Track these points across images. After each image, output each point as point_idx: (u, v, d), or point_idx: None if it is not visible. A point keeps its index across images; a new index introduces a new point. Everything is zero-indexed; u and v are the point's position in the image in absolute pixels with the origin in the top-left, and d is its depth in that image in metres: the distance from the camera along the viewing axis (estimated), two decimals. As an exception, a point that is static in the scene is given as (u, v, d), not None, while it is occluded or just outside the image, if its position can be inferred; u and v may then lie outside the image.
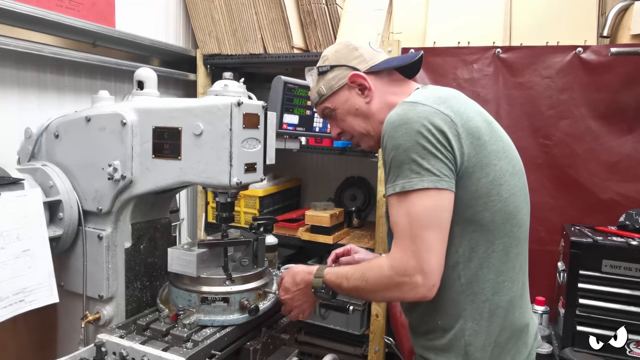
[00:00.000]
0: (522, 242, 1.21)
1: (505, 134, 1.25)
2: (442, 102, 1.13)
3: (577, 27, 2.14)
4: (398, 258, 1.09)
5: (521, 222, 1.20)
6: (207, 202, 2.73)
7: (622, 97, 1.97)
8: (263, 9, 2.41)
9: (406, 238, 1.08)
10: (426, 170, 1.06)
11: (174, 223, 1.68)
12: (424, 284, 1.07)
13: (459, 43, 2.23)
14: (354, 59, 1.31)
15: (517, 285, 1.20)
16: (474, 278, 1.15)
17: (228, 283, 1.35)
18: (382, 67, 1.30)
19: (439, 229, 1.08)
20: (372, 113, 1.30)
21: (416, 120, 1.08)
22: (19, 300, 1.23)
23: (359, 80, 1.29)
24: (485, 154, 1.12)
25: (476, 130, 1.12)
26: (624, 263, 1.67)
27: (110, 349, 1.21)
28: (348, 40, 1.37)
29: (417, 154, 1.07)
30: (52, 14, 1.80)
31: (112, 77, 2.23)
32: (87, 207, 1.43)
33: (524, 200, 1.23)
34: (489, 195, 1.12)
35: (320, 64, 1.36)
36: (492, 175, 1.12)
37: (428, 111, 1.10)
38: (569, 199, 2.05)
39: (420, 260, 1.06)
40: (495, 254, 1.15)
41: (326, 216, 2.42)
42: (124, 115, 1.35)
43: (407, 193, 1.08)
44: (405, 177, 1.08)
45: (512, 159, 1.19)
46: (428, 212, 1.07)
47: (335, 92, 1.33)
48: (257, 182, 1.38)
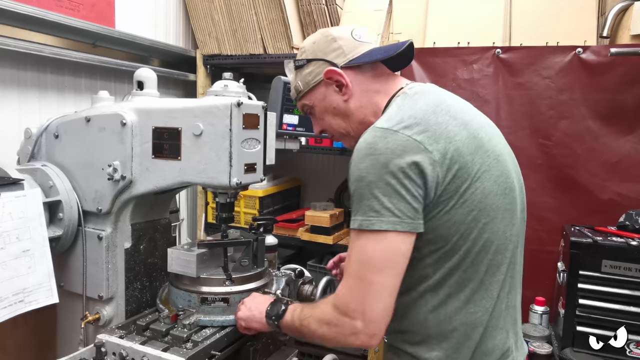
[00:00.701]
0: (503, 267, 1.09)
1: (497, 142, 1.13)
2: (417, 123, 1.02)
3: (577, 28, 2.14)
4: (341, 296, 1.03)
5: (502, 248, 1.08)
6: (207, 202, 2.73)
7: (621, 98, 1.97)
8: (263, 9, 2.41)
9: (354, 277, 1.01)
10: (387, 209, 0.97)
11: (173, 223, 1.68)
12: (364, 331, 0.98)
13: (459, 43, 2.23)
14: (331, 52, 1.19)
15: (493, 314, 1.09)
16: (441, 306, 1.07)
17: (228, 283, 1.35)
18: (362, 60, 1.17)
19: (392, 275, 0.99)
20: (351, 112, 1.20)
21: (383, 153, 0.98)
22: (19, 300, 1.23)
23: (335, 77, 1.17)
24: (464, 178, 1.02)
25: (455, 152, 1.01)
26: (624, 263, 1.68)
27: (110, 350, 1.21)
28: (328, 30, 1.23)
29: (379, 190, 0.98)
30: (52, 15, 1.80)
31: (112, 78, 2.23)
32: (87, 208, 1.43)
33: (511, 221, 1.11)
34: (464, 224, 1.03)
35: (298, 56, 1.25)
36: (470, 200, 1.02)
37: (399, 142, 0.99)
38: (568, 199, 2.05)
39: (364, 305, 0.98)
40: (468, 282, 1.06)
41: (326, 216, 2.42)
42: (124, 115, 1.35)
43: (363, 231, 1.00)
44: (364, 214, 1.00)
45: (498, 177, 1.07)
46: (382, 256, 0.98)
47: (312, 89, 1.23)
48: (257, 182, 1.38)
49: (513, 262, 1.13)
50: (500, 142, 1.15)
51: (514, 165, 1.18)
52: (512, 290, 1.15)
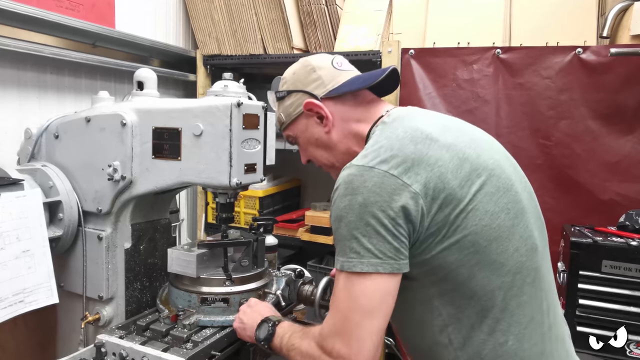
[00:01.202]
0: (526, 287, 1.01)
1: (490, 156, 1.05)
2: (394, 156, 0.97)
3: (577, 28, 2.14)
4: (326, 335, 0.99)
5: (517, 267, 1.00)
6: (207, 202, 2.73)
7: (621, 98, 1.97)
8: (263, 9, 2.41)
9: (340, 316, 0.97)
10: (367, 250, 0.94)
11: (173, 224, 1.68)
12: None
13: (459, 43, 2.23)
14: (311, 83, 1.17)
15: (531, 341, 1.00)
16: (468, 341, 1.00)
17: (228, 284, 1.35)
18: (342, 90, 1.15)
19: (378, 316, 0.95)
20: (334, 143, 1.17)
21: (361, 192, 0.94)
22: (19, 300, 1.23)
23: (315, 109, 1.16)
24: (453, 205, 0.96)
25: (438, 179, 0.96)
26: (624, 263, 1.67)
27: (110, 350, 1.21)
28: (308, 59, 1.22)
29: (358, 231, 0.94)
30: (52, 15, 1.80)
31: (112, 78, 2.23)
32: (87, 208, 1.43)
33: (523, 235, 1.03)
34: (461, 250, 0.97)
35: (280, 87, 1.24)
36: (464, 226, 0.96)
37: (375, 179, 0.95)
38: (568, 199, 2.05)
39: (348, 346, 0.95)
40: (487, 311, 0.99)
41: (326, 217, 2.42)
42: (124, 115, 1.35)
43: (343, 272, 0.97)
44: (345, 255, 0.96)
45: (494, 194, 1.00)
46: (368, 298, 0.95)
47: (293, 120, 1.22)
48: (257, 182, 1.38)
49: (539, 278, 1.05)
50: (494, 155, 1.07)
51: (517, 174, 1.11)
52: (549, 312, 1.07)
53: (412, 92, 2.19)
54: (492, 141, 1.15)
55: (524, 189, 1.10)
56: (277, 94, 1.23)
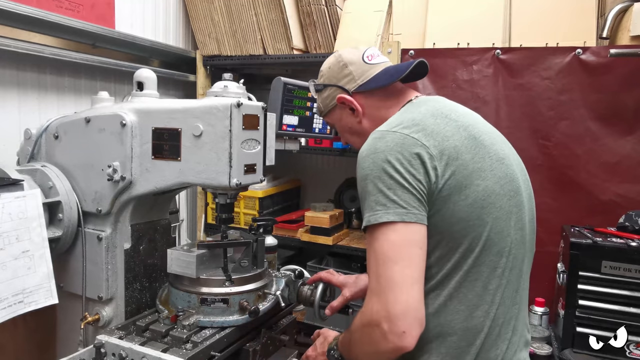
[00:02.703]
0: (507, 272, 1.07)
1: (501, 147, 1.14)
2: (415, 124, 1.06)
3: (577, 29, 2.14)
4: (365, 305, 1.01)
5: (506, 251, 1.07)
6: (206, 203, 2.73)
7: (621, 98, 1.97)
8: (263, 10, 2.41)
9: (373, 278, 0.99)
10: (392, 201, 0.98)
11: (173, 224, 1.68)
12: (391, 331, 0.94)
13: (459, 44, 2.23)
14: (343, 78, 1.28)
15: (496, 322, 1.07)
16: (442, 309, 1.05)
17: (227, 284, 1.35)
18: (371, 86, 1.25)
19: (408, 264, 0.96)
20: (366, 131, 1.23)
21: (383, 150, 1.03)
22: (18, 301, 1.23)
23: (347, 102, 1.27)
24: (465, 174, 1.03)
25: (453, 150, 1.04)
26: (624, 264, 1.68)
27: (109, 350, 1.21)
28: (341, 55, 1.31)
29: (383, 184, 1.00)
30: (51, 15, 1.80)
31: (111, 78, 2.23)
32: (86, 208, 1.43)
33: (518, 225, 1.10)
34: (467, 220, 1.02)
35: (318, 79, 1.36)
36: (473, 198, 1.02)
37: (397, 139, 1.03)
38: (568, 200, 2.05)
39: (385, 302, 0.95)
40: (470, 285, 1.04)
41: (326, 217, 2.42)
42: (124, 116, 1.35)
43: (373, 228, 1.00)
44: (371, 209, 1.01)
45: (501, 178, 1.08)
46: (394, 248, 0.97)
47: (330, 110, 1.34)
48: (256, 183, 1.38)
49: (519, 269, 1.11)
50: (505, 148, 1.16)
51: (522, 173, 1.18)
52: (520, 302, 1.13)
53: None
54: (504, 140, 1.22)
55: (526, 190, 1.17)
56: (316, 86, 1.35)
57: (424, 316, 0.98)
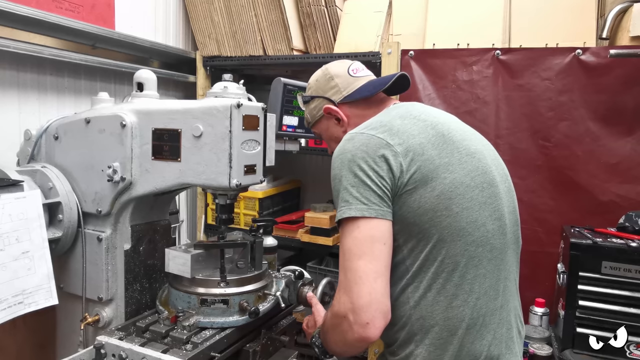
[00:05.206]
0: (485, 261, 1.10)
1: (472, 143, 1.18)
2: (382, 125, 1.13)
3: (576, 29, 2.14)
4: (335, 297, 1.08)
5: (483, 240, 1.10)
6: (206, 203, 2.73)
7: (621, 99, 1.97)
8: (263, 11, 2.41)
9: (341, 273, 1.05)
10: (355, 198, 1.05)
11: (173, 225, 1.68)
12: (356, 322, 1.00)
13: (459, 45, 2.23)
14: (329, 90, 1.35)
15: (479, 312, 1.09)
16: (422, 300, 1.08)
17: (222, 285, 1.35)
18: (355, 97, 1.32)
19: (371, 259, 1.02)
20: None
21: (350, 150, 1.09)
22: (18, 302, 1.23)
23: (333, 112, 1.34)
24: (430, 169, 1.07)
25: (419, 146, 1.09)
26: (624, 265, 1.67)
27: (109, 351, 1.21)
28: (327, 68, 1.38)
29: (348, 182, 1.07)
30: (51, 16, 1.80)
31: (111, 79, 2.24)
32: (86, 209, 1.43)
33: (494, 215, 1.13)
34: (434, 211, 1.06)
35: (306, 91, 1.43)
36: (440, 189, 1.07)
37: (363, 139, 1.10)
38: (568, 200, 2.05)
39: (350, 295, 1.01)
40: (448, 274, 1.07)
41: (326, 218, 2.42)
42: (124, 117, 1.35)
43: (341, 224, 1.07)
44: (338, 207, 1.09)
45: (471, 171, 1.12)
46: (358, 243, 1.04)
47: (317, 121, 1.40)
48: (256, 183, 1.38)
49: (501, 260, 1.14)
50: (477, 144, 1.20)
51: (499, 167, 1.22)
52: (505, 293, 1.15)
53: (412, 93, 2.19)
54: (484, 140, 1.26)
55: (503, 182, 1.20)
56: (303, 98, 1.43)
57: (388, 308, 1.04)
